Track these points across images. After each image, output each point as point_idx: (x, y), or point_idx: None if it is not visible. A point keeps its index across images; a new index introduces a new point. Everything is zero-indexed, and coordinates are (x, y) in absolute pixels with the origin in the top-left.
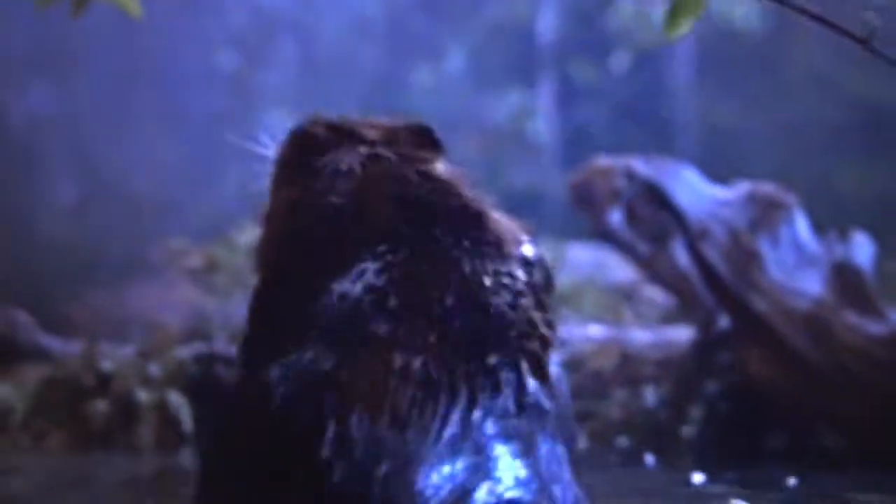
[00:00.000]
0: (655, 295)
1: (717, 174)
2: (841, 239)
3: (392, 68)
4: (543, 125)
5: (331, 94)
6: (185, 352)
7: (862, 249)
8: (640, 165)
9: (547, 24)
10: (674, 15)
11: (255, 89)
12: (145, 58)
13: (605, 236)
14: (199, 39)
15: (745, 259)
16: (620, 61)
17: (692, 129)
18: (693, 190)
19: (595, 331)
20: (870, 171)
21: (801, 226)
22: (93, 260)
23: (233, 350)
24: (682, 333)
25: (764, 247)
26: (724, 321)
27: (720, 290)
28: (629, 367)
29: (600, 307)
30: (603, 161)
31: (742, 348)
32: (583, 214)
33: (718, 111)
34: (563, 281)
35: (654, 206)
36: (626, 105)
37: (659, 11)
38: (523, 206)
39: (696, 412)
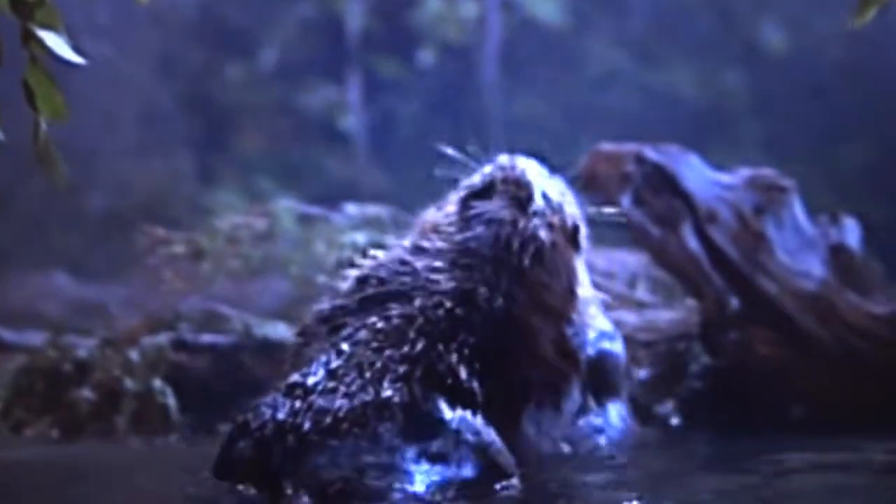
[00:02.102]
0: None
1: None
2: (833, 223)
3: (206, 61)
4: (353, 119)
5: (145, 89)
6: (159, 339)
7: (852, 233)
8: (649, 150)
9: (355, 21)
10: (863, 3)
11: None
12: None
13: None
14: None
15: (753, 242)
16: (427, 57)
17: (498, 121)
18: (699, 175)
19: None
20: None
21: (799, 209)
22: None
23: (201, 338)
24: (665, 316)
25: (770, 230)
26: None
27: (729, 272)
28: None
29: None
30: (606, 146)
31: (749, 329)
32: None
33: (523, 104)
34: None
35: (664, 191)
36: (433, 99)
37: (464, 7)
38: (342, 196)
39: (685, 392)
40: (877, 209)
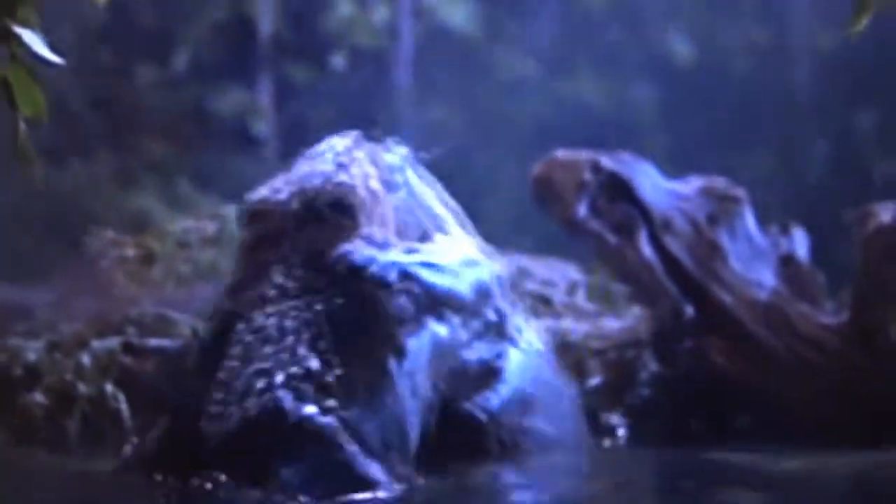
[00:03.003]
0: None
1: (435, 169)
2: (783, 233)
3: (117, 63)
4: (264, 124)
5: (55, 89)
6: (110, 343)
7: (801, 243)
8: (605, 159)
9: (266, 23)
10: (857, 13)
11: None
12: None
13: (571, 228)
14: None
15: (708, 251)
16: (339, 61)
17: (409, 125)
18: (654, 183)
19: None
20: None
21: (751, 220)
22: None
23: (150, 342)
24: (614, 324)
25: (723, 239)
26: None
27: (684, 280)
28: (567, 357)
29: None
30: (562, 154)
31: (702, 337)
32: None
33: (434, 110)
34: None
35: (620, 199)
36: (346, 104)
37: (376, 12)
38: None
39: (634, 400)
40: (780, 219)
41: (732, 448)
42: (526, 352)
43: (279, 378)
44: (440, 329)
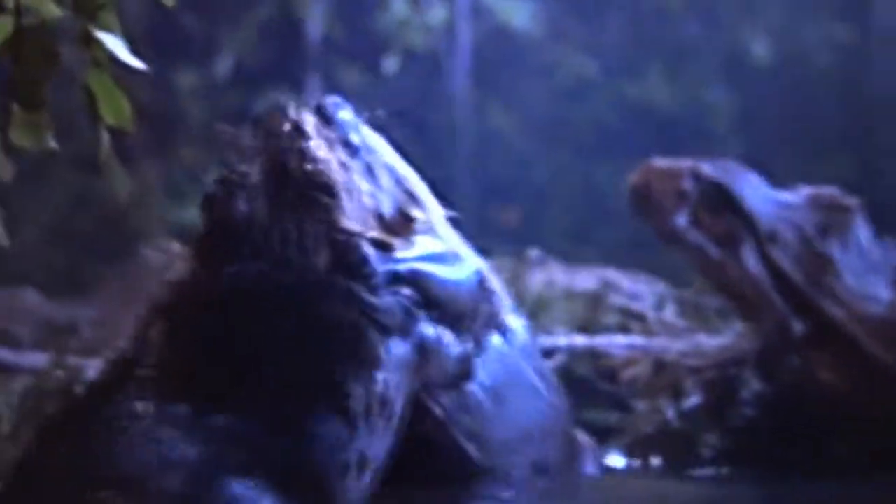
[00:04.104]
0: (619, 301)
1: (494, 177)
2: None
3: (158, 69)
4: None
5: None
6: None
7: None
8: (707, 167)
9: (315, 25)
10: None
11: None
12: None
13: (670, 239)
14: None
15: (818, 264)
16: (391, 64)
17: (466, 132)
18: (758, 193)
19: (620, 340)
20: None
21: (864, 230)
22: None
23: None
24: (711, 341)
25: (835, 251)
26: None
27: (792, 295)
28: (664, 377)
29: (572, 315)
30: (661, 162)
31: (811, 354)
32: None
33: (493, 114)
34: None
35: (722, 210)
36: (397, 109)
37: (432, 12)
38: None
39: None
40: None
41: (843, 478)
42: (506, 352)
43: None
44: (428, 330)
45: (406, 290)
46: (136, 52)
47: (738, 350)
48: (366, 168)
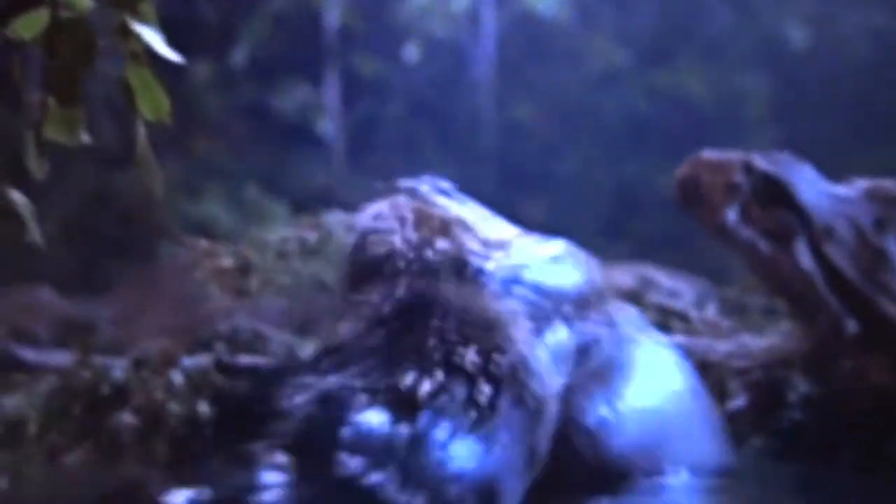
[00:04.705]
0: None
1: (520, 170)
2: None
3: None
4: (330, 122)
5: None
6: (201, 361)
7: None
8: (758, 159)
9: (333, 14)
10: None
11: None
12: None
13: (720, 235)
14: None
15: (874, 260)
16: (411, 53)
17: (490, 122)
18: (813, 186)
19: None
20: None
21: None
22: None
23: (239, 359)
24: (757, 341)
25: (892, 247)
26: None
27: (847, 293)
28: (708, 377)
29: None
30: (710, 154)
31: (866, 355)
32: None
33: (518, 103)
34: None
35: (775, 204)
36: (419, 100)
37: (456, 1)
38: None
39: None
40: None
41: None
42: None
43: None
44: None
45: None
46: None
47: (785, 351)
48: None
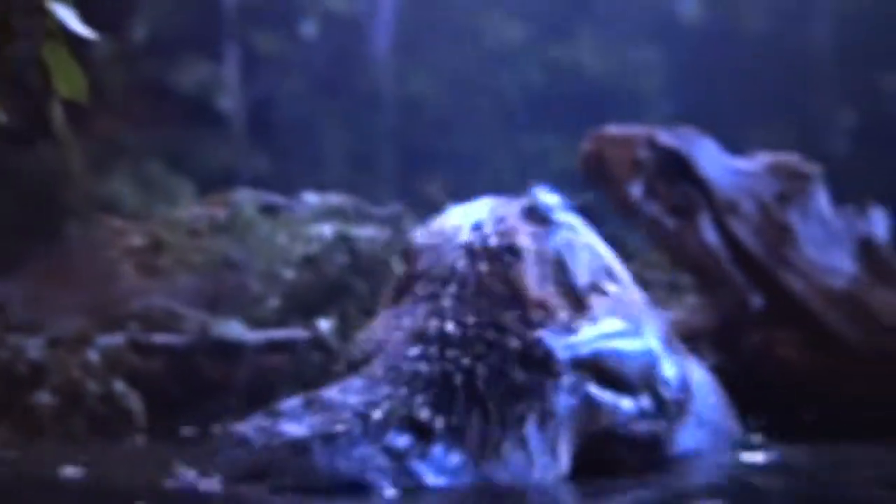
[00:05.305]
0: None
1: (419, 147)
2: (859, 213)
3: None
4: (231, 100)
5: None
6: (116, 340)
7: (880, 224)
8: (662, 134)
9: None
10: None
11: None
12: None
13: (625, 210)
14: None
15: (777, 234)
16: (310, 29)
17: (389, 98)
18: (716, 161)
19: None
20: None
21: (824, 199)
22: None
23: (153, 338)
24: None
25: (795, 221)
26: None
27: (751, 267)
28: None
29: None
30: (613, 129)
31: (771, 329)
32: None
33: (416, 79)
34: None
35: (679, 179)
36: (319, 76)
37: None
38: (221, 183)
39: None
40: None
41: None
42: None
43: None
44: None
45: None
46: None
47: (690, 326)
48: (566, 244)
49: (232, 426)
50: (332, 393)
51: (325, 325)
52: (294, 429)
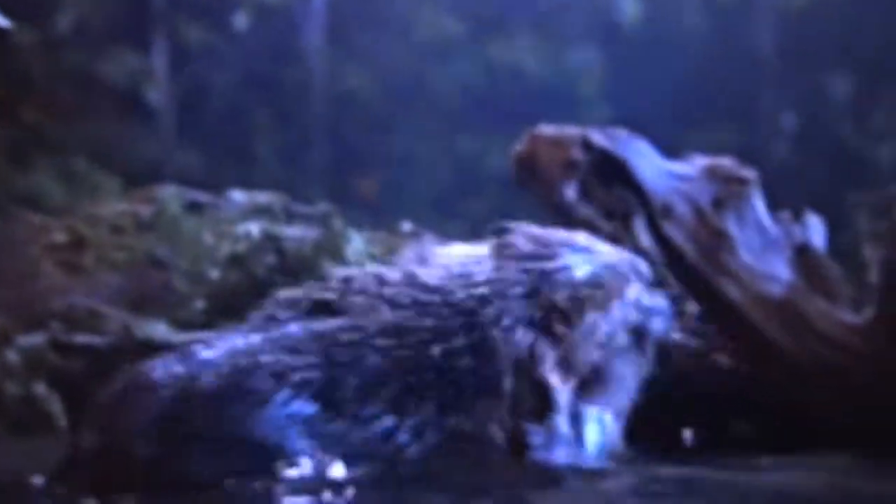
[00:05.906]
0: None
1: (352, 144)
2: (796, 220)
3: None
4: (159, 92)
5: None
6: (36, 339)
7: (817, 231)
8: (597, 135)
9: None
10: None
11: None
12: None
13: (559, 213)
14: None
15: (713, 240)
16: (241, 21)
17: (321, 93)
18: (651, 163)
19: None
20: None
21: (760, 205)
22: None
23: (75, 337)
24: None
25: (731, 226)
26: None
27: (687, 273)
28: None
29: None
30: (547, 130)
31: (705, 336)
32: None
33: (349, 74)
34: None
35: (613, 182)
36: (249, 68)
37: None
38: (149, 177)
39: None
40: None
41: (723, 460)
42: None
43: None
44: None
45: None
46: None
47: None
48: None
49: None
50: None
51: None
52: None
